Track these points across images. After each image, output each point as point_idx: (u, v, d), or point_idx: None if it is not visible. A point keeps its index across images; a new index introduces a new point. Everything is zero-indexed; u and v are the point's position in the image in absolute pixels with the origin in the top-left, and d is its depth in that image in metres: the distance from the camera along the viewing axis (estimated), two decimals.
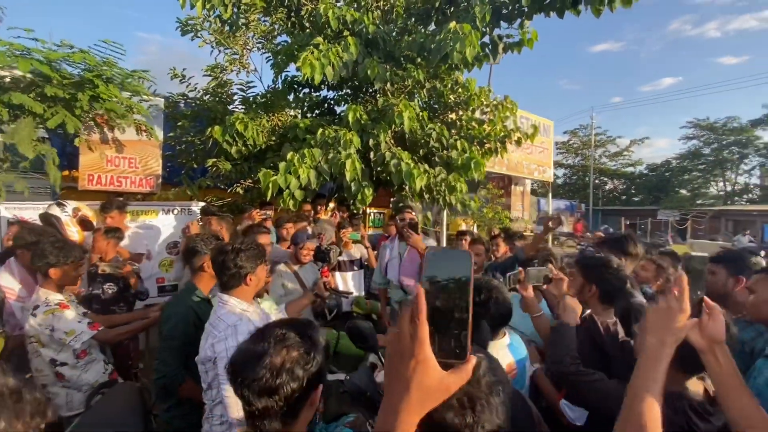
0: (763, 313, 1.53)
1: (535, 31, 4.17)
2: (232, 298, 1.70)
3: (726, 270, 2.01)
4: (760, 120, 30.43)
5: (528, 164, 7.68)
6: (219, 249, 1.76)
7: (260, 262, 1.77)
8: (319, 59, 3.52)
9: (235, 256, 1.68)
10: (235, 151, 4.00)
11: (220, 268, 1.72)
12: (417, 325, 0.51)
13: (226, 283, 1.72)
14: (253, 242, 1.81)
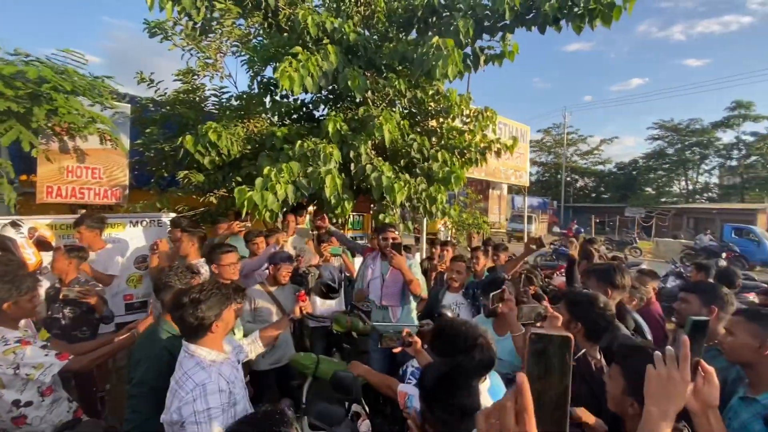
0: (741, 357, 1.54)
1: (516, 44, 4.18)
2: (200, 348, 1.58)
3: (699, 299, 2.05)
4: (721, 122, 32.12)
5: (505, 170, 7.78)
6: (175, 302, 1.58)
7: (226, 306, 1.62)
8: (298, 70, 3.38)
9: (194, 309, 1.53)
10: (208, 161, 3.81)
11: (179, 322, 1.58)
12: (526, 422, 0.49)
13: (190, 335, 1.58)
14: (214, 286, 1.64)
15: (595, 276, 2.32)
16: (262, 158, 3.80)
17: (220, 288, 1.64)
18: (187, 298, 1.55)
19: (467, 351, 1.48)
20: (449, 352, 1.50)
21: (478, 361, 1.50)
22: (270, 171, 3.29)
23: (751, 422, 1.43)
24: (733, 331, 1.56)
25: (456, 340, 1.53)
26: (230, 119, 4.31)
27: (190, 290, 1.60)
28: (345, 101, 4.98)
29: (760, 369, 1.49)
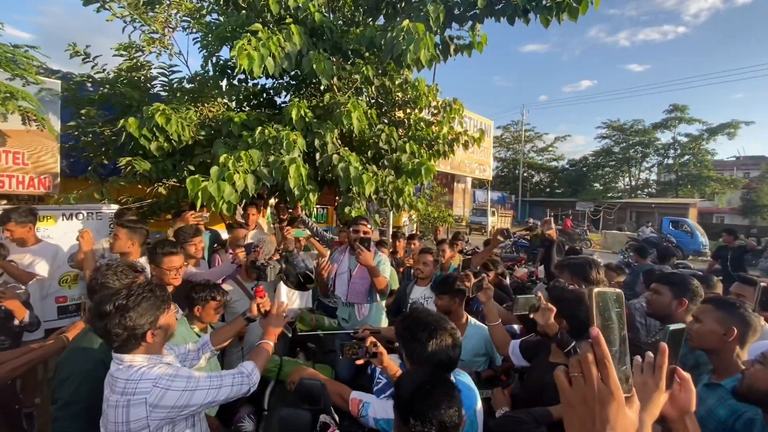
0: (706, 343, 1.57)
1: (484, 35, 4.12)
2: (137, 356, 1.35)
3: (671, 291, 2.06)
4: (660, 123, 34.64)
5: (470, 163, 7.84)
6: (96, 311, 1.32)
7: (162, 311, 1.39)
8: (258, 49, 3.10)
9: (121, 318, 1.29)
10: (156, 147, 3.43)
11: (104, 335, 1.33)
12: (607, 368, 0.55)
13: (120, 348, 1.34)
14: (145, 288, 1.39)
15: (569, 270, 2.30)
16: (218, 145, 3.48)
17: (152, 290, 1.40)
18: (110, 305, 1.29)
19: (423, 341, 1.37)
20: (406, 337, 1.39)
21: (432, 354, 1.38)
22: (227, 159, 3.00)
23: (717, 407, 1.46)
24: (701, 318, 1.59)
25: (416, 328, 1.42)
26: (181, 102, 3.92)
27: (113, 296, 1.34)
28: (309, 87, 4.71)
29: (723, 355, 1.53)
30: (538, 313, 1.83)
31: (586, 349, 0.58)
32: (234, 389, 1.45)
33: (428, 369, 1.32)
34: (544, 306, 1.82)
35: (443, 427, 1.11)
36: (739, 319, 1.51)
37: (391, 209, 4.57)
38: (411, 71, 4.39)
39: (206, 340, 1.90)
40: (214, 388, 1.39)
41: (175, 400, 1.29)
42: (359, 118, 3.61)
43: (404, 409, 1.16)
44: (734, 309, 1.54)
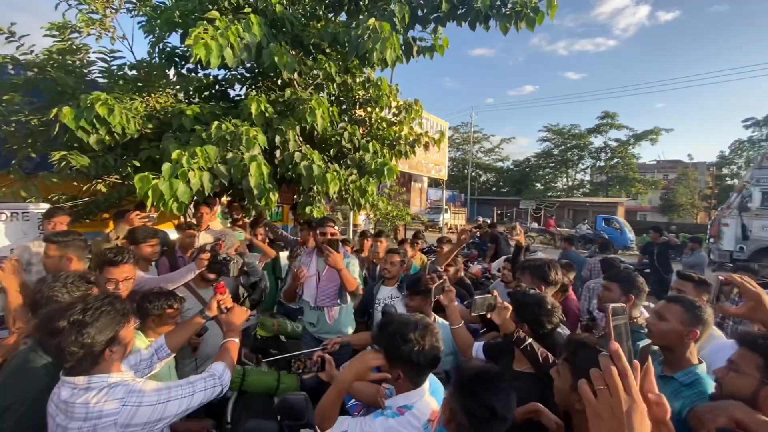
0: (667, 341, 1.66)
1: (446, 38, 4.20)
2: (93, 377, 1.22)
3: (620, 288, 2.21)
4: (593, 129, 37.65)
5: (427, 163, 7.98)
6: (46, 328, 1.18)
7: (121, 325, 1.27)
8: (216, 39, 2.91)
9: (78, 335, 1.16)
10: (96, 140, 3.09)
11: (56, 354, 1.19)
12: (629, 380, 0.60)
13: (74, 369, 1.21)
14: (103, 301, 1.26)
15: (529, 272, 2.40)
16: (168, 140, 3.22)
17: (111, 303, 1.27)
18: (64, 321, 1.16)
19: (417, 340, 1.37)
20: (397, 340, 1.38)
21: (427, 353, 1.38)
22: (181, 155, 2.78)
23: (671, 400, 1.55)
24: (666, 318, 1.67)
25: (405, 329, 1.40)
26: (125, 91, 3.57)
27: (67, 310, 1.19)
28: (267, 81, 4.52)
29: (679, 352, 1.64)
30: (495, 313, 1.88)
31: (607, 364, 0.62)
32: (207, 393, 1.40)
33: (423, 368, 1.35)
34: (500, 305, 1.87)
35: (495, 415, 1.19)
36: (702, 321, 1.62)
37: (353, 208, 4.53)
38: (374, 70, 4.36)
39: (161, 343, 1.75)
40: (187, 396, 1.33)
41: (149, 416, 1.22)
42: (323, 115, 3.52)
43: (464, 391, 1.24)
44: (700, 312, 1.63)
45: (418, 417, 1.32)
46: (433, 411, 1.37)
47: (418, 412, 1.33)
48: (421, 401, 1.37)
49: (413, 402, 1.36)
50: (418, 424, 1.31)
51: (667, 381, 1.63)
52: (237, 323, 1.77)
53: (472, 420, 1.20)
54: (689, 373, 1.59)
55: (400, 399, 1.38)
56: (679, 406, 1.52)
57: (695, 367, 1.61)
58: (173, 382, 1.36)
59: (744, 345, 1.33)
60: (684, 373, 1.60)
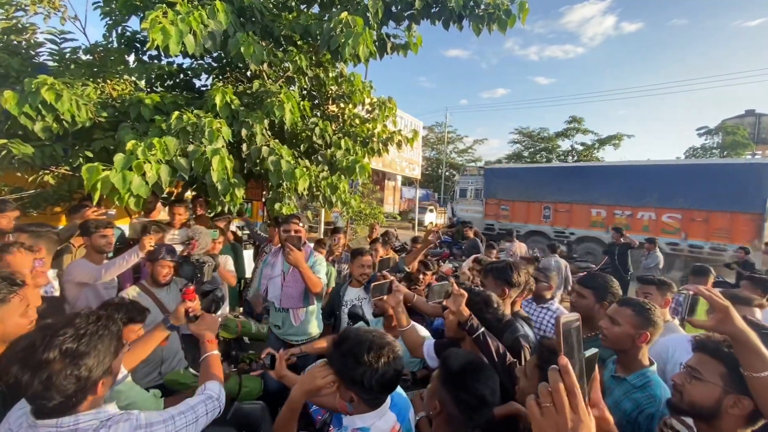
0: (621, 345, 1.67)
1: (420, 36, 4.17)
2: (81, 415, 1.00)
3: (593, 295, 2.16)
4: (561, 132, 38.97)
5: (400, 162, 7.95)
6: (26, 360, 0.93)
7: (117, 353, 1.10)
8: (176, 24, 2.74)
9: (74, 368, 0.95)
10: (41, 128, 2.85)
11: (39, 395, 0.94)
12: (577, 397, 0.58)
13: (57, 410, 0.97)
14: (98, 324, 1.05)
15: (492, 274, 2.37)
16: (124, 130, 3.02)
17: (106, 325, 1.06)
18: (54, 351, 0.94)
19: (371, 363, 1.24)
20: (349, 362, 1.27)
21: (384, 374, 1.25)
22: (136, 146, 2.60)
23: (622, 401, 1.59)
24: (618, 321, 1.67)
25: (359, 350, 1.28)
26: (77, 76, 3.32)
27: (54, 336, 0.96)
28: (234, 72, 4.34)
29: (631, 353, 1.65)
30: (450, 299, 1.82)
31: (555, 379, 0.59)
32: (209, 417, 1.30)
33: (377, 393, 1.24)
34: (456, 291, 1.81)
35: (485, 402, 1.24)
36: (652, 323, 1.63)
37: (324, 206, 4.43)
38: (347, 65, 4.27)
39: None
40: (192, 423, 1.21)
41: None
42: (292, 109, 3.40)
43: (454, 383, 1.26)
44: (650, 314, 1.64)
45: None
46: (393, 428, 1.29)
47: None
48: (380, 421, 1.27)
49: (369, 424, 1.26)
50: None
51: (620, 382, 1.65)
52: (211, 333, 1.61)
53: (464, 409, 1.23)
54: (641, 375, 1.61)
55: (357, 420, 1.27)
56: (630, 408, 1.54)
57: (647, 370, 1.63)
58: (173, 410, 1.21)
59: (704, 352, 1.32)
60: (636, 376, 1.62)
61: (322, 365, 1.34)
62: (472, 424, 1.27)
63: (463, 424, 1.26)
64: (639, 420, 1.50)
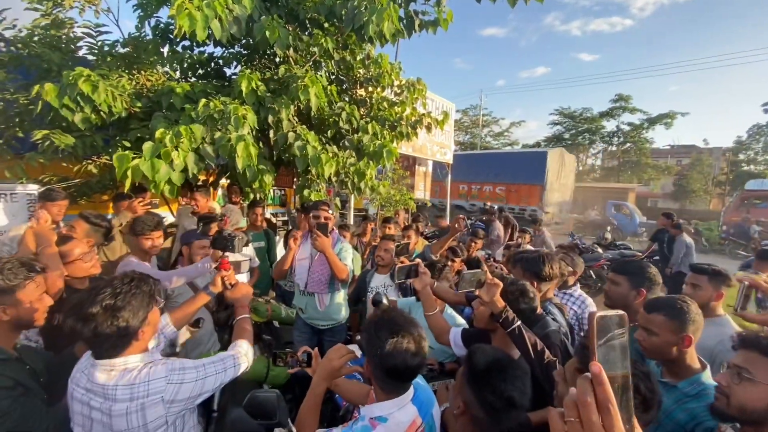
0: (663, 355, 1.51)
1: (450, 11, 3.95)
2: (129, 357, 1.24)
3: (628, 281, 2.01)
4: (606, 112, 36.59)
5: (431, 146, 7.75)
6: (79, 315, 1.18)
7: (151, 307, 1.31)
8: (202, 9, 2.73)
9: (112, 318, 1.18)
10: (81, 119, 2.97)
11: (90, 341, 1.20)
12: (611, 414, 0.46)
13: (108, 352, 1.22)
14: (131, 284, 1.28)
15: (521, 265, 2.18)
16: (157, 119, 3.09)
17: (139, 285, 1.29)
18: (97, 307, 1.18)
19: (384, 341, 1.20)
20: (369, 334, 1.25)
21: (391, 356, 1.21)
22: (164, 134, 2.65)
23: (675, 410, 1.42)
24: (654, 331, 1.50)
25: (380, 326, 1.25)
26: (113, 68, 3.43)
27: (96, 295, 1.20)
28: (262, 58, 4.33)
29: (679, 360, 1.48)
30: (483, 289, 1.68)
31: (584, 389, 0.48)
32: (236, 369, 1.45)
33: (390, 375, 1.19)
34: (490, 281, 1.67)
35: (513, 404, 1.13)
36: (691, 324, 1.46)
37: (352, 192, 4.38)
38: (374, 46, 4.14)
39: (165, 321, 1.71)
40: (221, 372, 1.37)
41: (190, 392, 1.27)
42: (317, 93, 3.34)
43: (478, 382, 1.17)
44: (685, 315, 1.47)
45: (392, 431, 1.18)
46: (413, 422, 1.22)
47: (393, 426, 1.18)
48: (398, 412, 1.22)
49: (388, 414, 1.21)
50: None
51: (669, 389, 1.48)
52: (244, 300, 1.81)
53: (490, 411, 1.13)
54: (694, 382, 1.44)
55: (375, 409, 1.23)
56: (684, 419, 1.39)
57: (700, 375, 1.46)
58: (206, 359, 1.39)
59: (753, 348, 1.16)
60: (688, 383, 1.45)
61: (338, 346, 1.39)
62: (499, 428, 1.17)
63: (489, 428, 1.16)
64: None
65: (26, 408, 1.28)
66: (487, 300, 1.65)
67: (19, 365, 1.37)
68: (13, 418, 1.24)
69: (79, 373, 1.27)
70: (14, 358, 1.37)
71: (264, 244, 4.19)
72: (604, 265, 7.62)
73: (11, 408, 1.25)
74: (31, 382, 1.36)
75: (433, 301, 2.04)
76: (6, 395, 1.25)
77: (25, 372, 1.37)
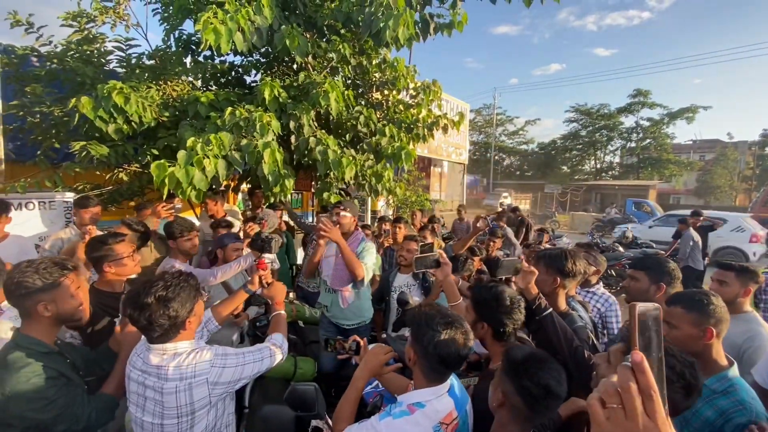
0: (687, 348, 1.47)
1: (465, 14, 3.99)
2: (179, 343, 1.39)
3: (647, 276, 2.02)
4: (624, 108, 35.79)
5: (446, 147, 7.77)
6: (135, 304, 1.32)
7: (197, 299, 1.44)
8: (226, 23, 2.85)
9: (164, 308, 1.31)
10: (114, 129, 3.13)
11: (145, 326, 1.34)
12: (654, 401, 0.48)
13: (161, 337, 1.37)
14: (180, 279, 1.41)
15: (544, 262, 2.18)
16: (184, 128, 3.23)
17: (186, 279, 1.42)
18: (151, 297, 1.31)
19: (438, 329, 1.28)
20: (420, 322, 1.33)
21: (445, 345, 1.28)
22: (195, 143, 2.77)
23: (702, 407, 1.42)
24: (675, 324, 1.51)
25: (433, 315, 1.34)
26: (141, 80, 3.59)
27: (151, 287, 1.34)
28: (282, 66, 4.45)
29: (704, 355, 1.47)
30: (519, 276, 1.78)
31: (626, 377, 0.49)
32: (273, 359, 1.57)
33: (436, 362, 1.27)
34: (526, 269, 1.75)
35: (550, 392, 1.17)
36: (713, 316, 1.46)
37: (370, 194, 4.46)
38: (390, 50, 4.21)
39: (209, 316, 1.88)
40: (258, 361, 1.49)
41: (231, 376, 1.40)
42: (337, 98, 3.43)
43: (517, 371, 1.21)
44: (706, 307, 1.47)
45: (429, 417, 1.23)
46: (450, 413, 1.28)
47: (430, 412, 1.24)
48: (437, 401, 1.27)
49: (427, 400, 1.27)
50: (428, 424, 1.22)
51: None
52: (279, 297, 1.95)
53: (528, 399, 1.18)
54: (722, 378, 1.44)
55: (415, 395, 1.29)
56: (713, 416, 1.39)
57: (727, 372, 1.45)
58: (245, 349, 1.51)
59: None
60: (716, 379, 1.44)
61: (381, 345, 1.50)
62: (538, 418, 1.21)
63: (528, 417, 1.20)
64: (725, 429, 1.34)
65: (70, 396, 1.39)
66: (522, 287, 1.75)
67: (61, 358, 1.47)
68: (59, 404, 1.35)
69: (135, 356, 1.42)
70: (56, 351, 1.47)
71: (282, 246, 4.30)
72: (626, 264, 7.49)
73: (57, 395, 1.35)
74: (72, 373, 1.47)
75: (457, 291, 2.07)
76: (52, 384, 1.35)
77: (66, 364, 1.47)
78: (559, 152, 40.49)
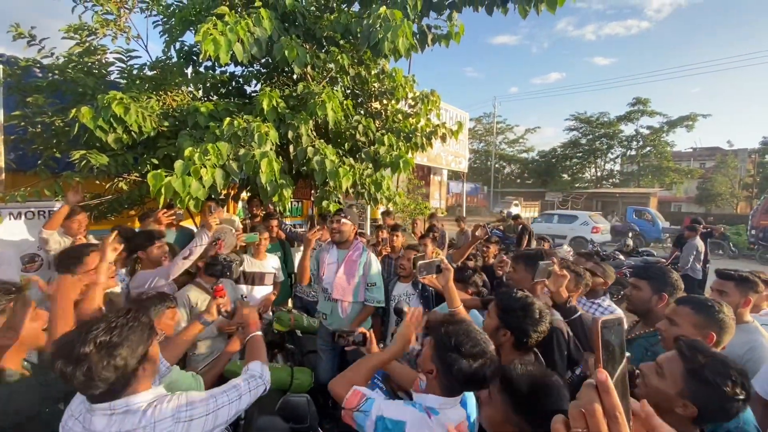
0: None
1: (462, 25, 4.03)
2: (133, 397, 1.12)
3: (650, 286, 2.03)
4: (623, 116, 36.00)
5: (446, 155, 7.80)
6: (69, 356, 1.03)
7: (151, 340, 1.19)
8: (225, 34, 2.89)
9: (110, 358, 1.05)
10: (114, 139, 3.15)
11: (83, 384, 1.05)
12: (619, 424, 0.47)
13: (106, 394, 1.09)
14: (128, 317, 1.16)
15: (522, 261, 2.14)
16: (183, 137, 3.25)
17: (136, 317, 1.17)
18: (88, 346, 1.03)
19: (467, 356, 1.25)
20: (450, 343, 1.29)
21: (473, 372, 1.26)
22: (193, 152, 2.79)
23: None
24: (677, 322, 1.52)
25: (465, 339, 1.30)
26: (141, 90, 3.63)
27: (87, 332, 1.06)
28: (281, 76, 4.50)
29: None
30: (551, 280, 1.84)
31: (590, 398, 0.48)
32: (252, 394, 1.39)
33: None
34: (558, 272, 1.82)
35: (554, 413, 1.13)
36: (717, 323, 1.46)
37: (369, 203, 4.46)
38: (388, 60, 4.26)
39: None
40: (235, 401, 1.30)
41: (202, 427, 1.17)
42: (334, 108, 3.46)
43: (522, 404, 1.17)
44: (713, 313, 1.48)
45: (442, 424, 1.24)
46: (461, 423, 1.28)
47: (443, 419, 1.25)
48: (450, 410, 1.28)
49: (440, 407, 1.27)
50: (440, 431, 1.23)
51: None
52: (251, 319, 1.76)
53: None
54: None
55: (430, 399, 1.29)
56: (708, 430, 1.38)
57: None
58: (217, 389, 1.31)
59: None
60: None
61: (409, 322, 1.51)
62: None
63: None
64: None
65: None
66: (553, 290, 1.82)
67: None
68: None
69: (71, 420, 1.13)
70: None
71: (280, 255, 4.29)
72: (627, 273, 7.47)
73: None
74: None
75: (457, 296, 2.06)
76: None
77: None
78: (560, 160, 40.61)
